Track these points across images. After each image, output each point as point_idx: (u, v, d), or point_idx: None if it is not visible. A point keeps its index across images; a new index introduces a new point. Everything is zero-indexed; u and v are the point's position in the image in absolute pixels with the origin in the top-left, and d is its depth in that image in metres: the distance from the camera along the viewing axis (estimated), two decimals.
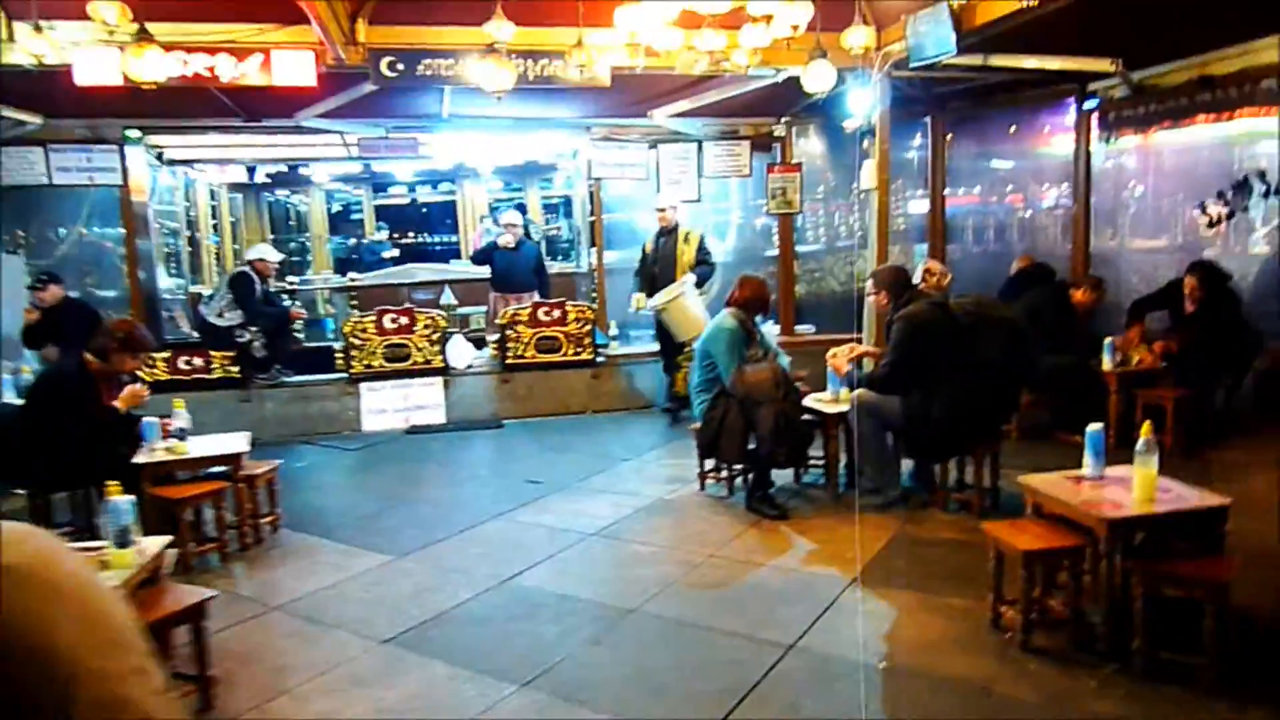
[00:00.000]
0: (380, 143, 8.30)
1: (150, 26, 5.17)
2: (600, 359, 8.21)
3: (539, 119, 8.45)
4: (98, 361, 4.61)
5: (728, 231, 9.35)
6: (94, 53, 5.74)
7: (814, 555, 4.38)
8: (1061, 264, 7.74)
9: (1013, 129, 8.53)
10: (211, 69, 6.02)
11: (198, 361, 7.58)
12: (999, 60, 6.60)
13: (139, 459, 4.43)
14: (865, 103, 7.01)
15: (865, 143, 7.17)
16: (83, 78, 5.82)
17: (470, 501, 5.53)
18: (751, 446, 5.00)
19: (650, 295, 7.41)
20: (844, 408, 5.13)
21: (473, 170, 12.13)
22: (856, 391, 5.06)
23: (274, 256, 7.98)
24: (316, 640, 3.62)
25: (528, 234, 9.40)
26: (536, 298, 8.39)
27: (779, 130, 8.78)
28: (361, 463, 6.84)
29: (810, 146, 9.05)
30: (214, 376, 7.60)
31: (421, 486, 5.96)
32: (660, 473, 6.03)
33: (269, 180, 11.24)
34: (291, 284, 9.38)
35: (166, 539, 3.22)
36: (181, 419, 4.56)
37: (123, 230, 7.96)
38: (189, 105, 7.30)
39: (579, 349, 8.14)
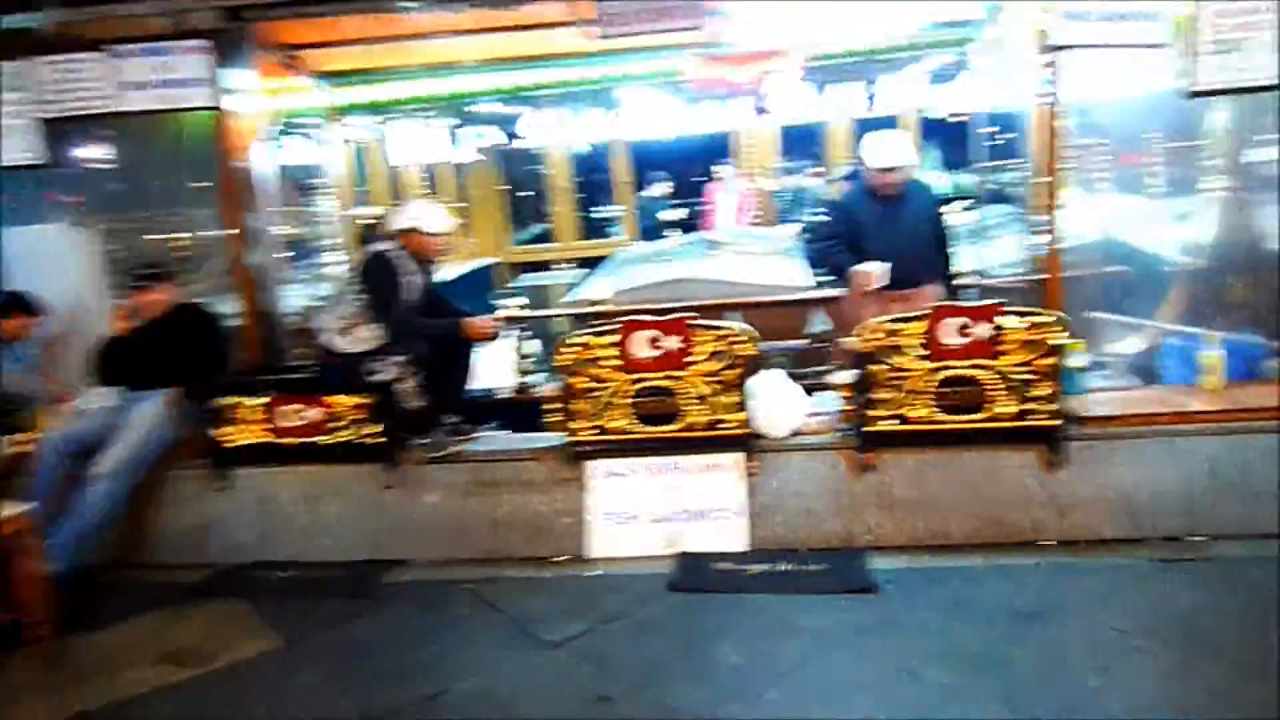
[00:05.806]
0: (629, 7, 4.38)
1: None
2: (1065, 428, 3.76)
3: None
4: None
5: None
6: None
7: None
8: None
9: None
10: None
11: (311, 413, 4.19)
12: None
13: None
14: None
15: None
16: None
17: None
18: None
19: None
20: None
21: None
22: None
23: (438, 225, 4.34)
24: None
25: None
26: (936, 294, 4.33)
27: None
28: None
29: None
30: (336, 440, 4.18)
31: None
32: None
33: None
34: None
35: None
36: None
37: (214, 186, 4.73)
38: None
39: (1027, 406, 3.73)
